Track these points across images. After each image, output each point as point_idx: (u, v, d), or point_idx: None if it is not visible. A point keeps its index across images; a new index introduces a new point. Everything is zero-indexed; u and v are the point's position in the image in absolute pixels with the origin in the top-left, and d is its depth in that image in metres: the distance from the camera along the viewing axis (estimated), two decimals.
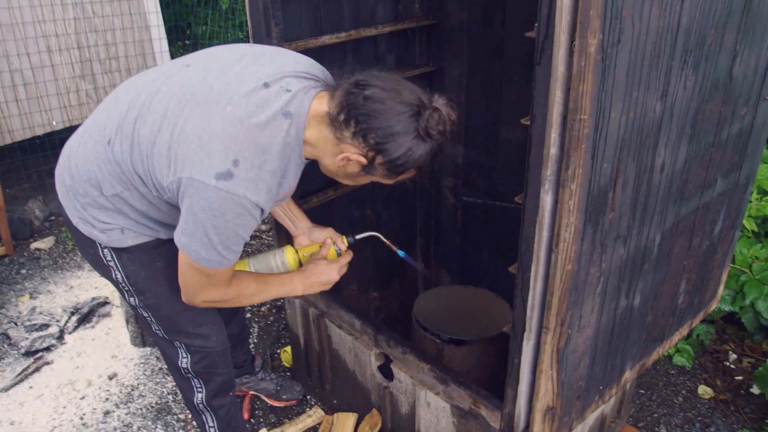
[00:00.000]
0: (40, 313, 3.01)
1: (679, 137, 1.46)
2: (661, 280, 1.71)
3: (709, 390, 2.53)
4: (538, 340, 1.44)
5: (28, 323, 2.91)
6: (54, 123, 3.75)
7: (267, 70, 1.42)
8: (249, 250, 3.57)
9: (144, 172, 1.44)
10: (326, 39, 1.97)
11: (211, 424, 1.93)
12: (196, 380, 1.83)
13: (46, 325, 2.89)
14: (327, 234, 1.86)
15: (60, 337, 2.85)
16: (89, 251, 1.62)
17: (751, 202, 2.68)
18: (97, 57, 3.84)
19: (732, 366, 2.66)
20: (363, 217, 2.44)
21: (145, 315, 1.70)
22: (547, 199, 1.27)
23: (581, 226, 1.29)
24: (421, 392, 1.87)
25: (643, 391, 2.53)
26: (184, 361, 1.77)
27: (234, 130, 1.34)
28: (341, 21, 2.06)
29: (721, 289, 2.12)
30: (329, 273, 1.74)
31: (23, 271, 3.43)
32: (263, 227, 3.79)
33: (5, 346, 2.81)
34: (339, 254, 1.84)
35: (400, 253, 1.95)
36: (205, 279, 1.48)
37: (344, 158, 1.41)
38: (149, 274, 1.62)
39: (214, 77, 1.41)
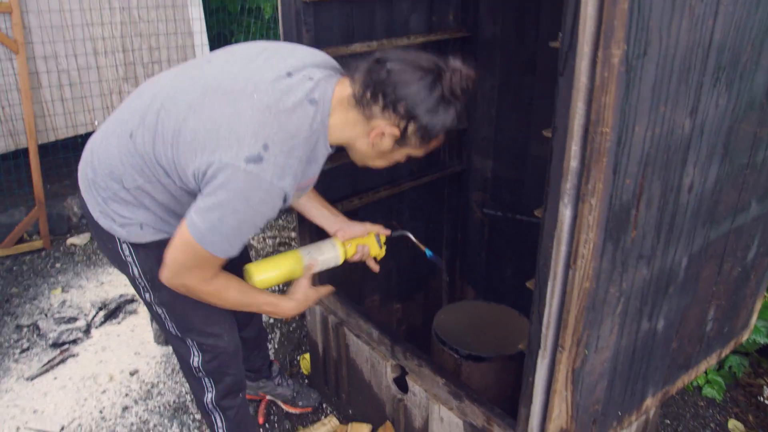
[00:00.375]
0: (70, 307, 3.08)
1: (710, 157, 1.41)
2: (687, 304, 1.65)
3: (740, 425, 2.42)
4: (553, 359, 1.40)
5: (57, 316, 2.98)
6: (96, 123, 3.86)
7: (288, 62, 1.46)
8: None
9: (167, 162, 1.45)
10: (357, 47, 1.98)
11: (219, 424, 1.93)
12: (206, 380, 1.83)
13: (75, 319, 2.95)
14: (366, 227, 1.88)
15: (87, 331, 2.91)
16: (108, 246, 1.64)
17: None
18: (141, 60, 3.95)
19: (766, 402, 2.54)
20: (388, 227, 2.42)
21: (159, 312, 1.72)
22: (566, 213, 1.24)
23: (601, 243, 1.25)
24: (435, 407, 1.84)
25: (669, 422, 2.44)
26: (196, 360, 1.78)
27: (262, 116, 1.36)
28: (373, 30, 2.06)
29: (754, 319, 2.03)
30: (311, 302, 1.77)
31: (58, 265, 3.52)
32: (293, 233, 3.81)
33: (34, 336, 2.89)
34: (380, 246, 1.90)
35: (428, 252, 1.95)
36: (194, 261, 1.44)
37: (378, 134, 1.44)
38: None
39: (237, 69, 1.45)
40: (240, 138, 1.34)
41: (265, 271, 1.71)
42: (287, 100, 1.39)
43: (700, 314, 1.73)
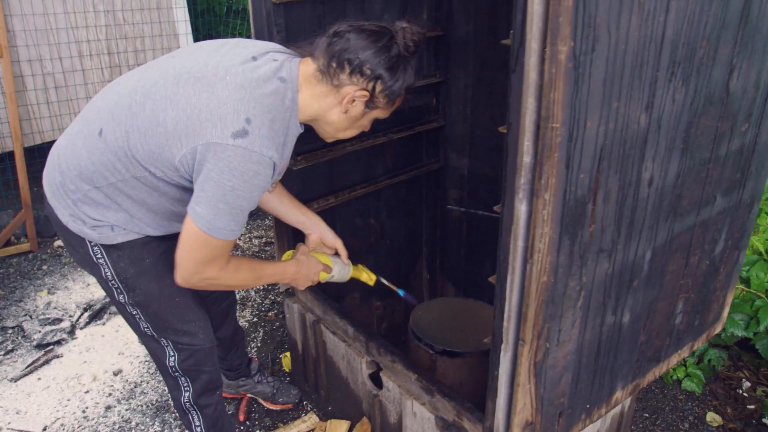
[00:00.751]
0: (55, 308, 3.10)
1: (669, 151, 1.43)
2: (654, 298, 1.66)
3: (718, 418, 2.44)
4: (515, 353, 1.42)
5: (42, 317, 2.99)
6: None
7: (250, 50, 1.54)
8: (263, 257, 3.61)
9: (145, 155, 1.47)
10: None
11: (197, 423, 1.95)
12: (183, 379, 1.85)
13: (59, 320, 2.97)
14: (336, 241, 2.01)
15: (71, 332, 2.92)
16: (78, 250, 1.65)
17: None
18: (126, 63, 3.96)
19: (745, 394, 2.56)
20: (366, 226, 2.45)
21: (134, 313, 1.73)
22: (521, 209, 1.26)
23: (557, 237, 1.27)
24: (408, 402, 1.85)
25: (647, 415, 2.46)
26: (172, 359, 1.80)
27: (239, 94, 1.42)
28: None
29: (726, 312, 2.05)
30: (312, 274, 1.88)
31: (45, 267, 3.53)
32: None
33: (19, 338, 2.90)
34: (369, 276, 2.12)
35: (400, 292, 2.14)
36: (209, 252, 1.49)
37: (349, 99, 1.53)
38: (138, 271, 1.65)
39: (204, 58, 1.51)
40: (222, 117, 1.40)
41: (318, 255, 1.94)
42: (258, 78, 1.46)
43: (668, 307, 1.75)
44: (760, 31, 1.48)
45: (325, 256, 1.98)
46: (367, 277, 2.12)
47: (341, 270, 2.03)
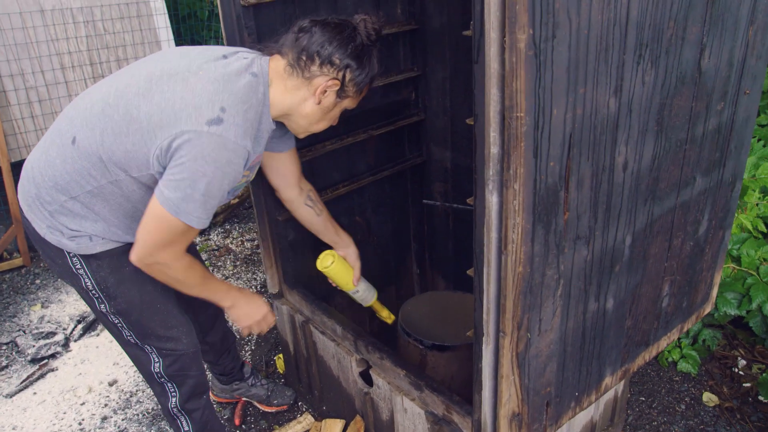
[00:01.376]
0: (48, 322, 3.09)
1: (642, 134, 1.41)
2: (638, 282, 1.66)
3: (714, 397, 2.44)
4: (497, 345, 1.41)
5: (36, 331, 2.99)
6: None
7: (220, 50, 1.59)
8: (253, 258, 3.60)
9: (120, 156, 1.47)
10: None
11: (186, 428, 1.94)
12: (169, 384, 1.85)
13: (53, 333, 2.96)
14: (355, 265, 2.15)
15: (65, 345, 2.92)
16: (57, 262, 1.64)
17: (756, 204, 2.58)
18: (109, 72, 3.94)
19: (741, 372, 2.56)
20: (352, 223, 2.44)
21: (116, 321, 1.73)
22: (492, 200, 1.25)
23: (530, 227, 1.26)
24: (398, 398, 1.85)
25: (643, 399, 2.45)
26: (156, 365, 1.79)
27: (213, 86, 1.46)
28: None
29: (714, 292, 2.04)
30: (257, 313, 1.85)
31: (38, 281, 3.53)
32: None
33: (13, 353, 2.90)
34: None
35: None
36: (168, 236, 1.49)
37: (321, 90, 1.57)
38: (119, 279, 1.64)
39: (175, 59, 1.54)
40: (197, 106, 1.42)
41: (338, 260, 2.08)
42: (231, 73, 1.50)
43: (653, 291, 1.74)
44: (729, 9, 1.47)
45: (351, 271, 2.12)
46: (387, 315, 2.28)
47: (367, 289, 2.20)
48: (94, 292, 1.67)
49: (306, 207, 1.98)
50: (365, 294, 2.21)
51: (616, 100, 1.31)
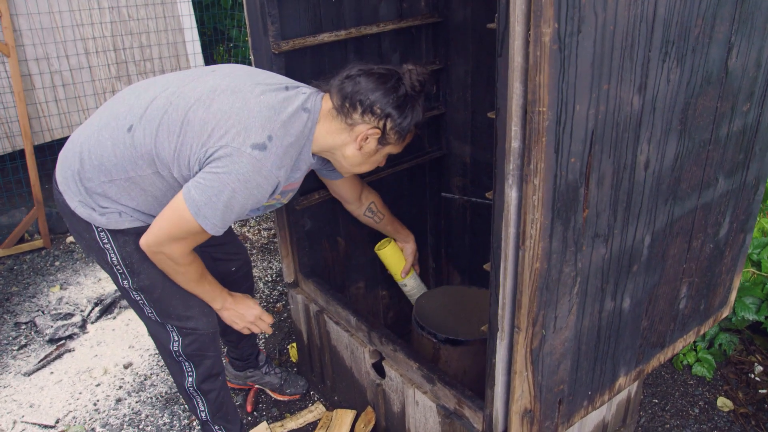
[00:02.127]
0: (67, 303, 3.14)
1: (666, 133, 1.40)
2: (655, 283, 1.64)
3: (729, 402, 2.41)
4: (511, 340, 1.41)
5: (54, 312, 3.04)
6: None
7: (283, 80, 1.68)
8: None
9: (168, 153, 1.55)
10: (325, 37, 1.99)
11: (202, 408, 1.97)
12: (186, 363, 1.88)
13: (71, 315, 3.01)
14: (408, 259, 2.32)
15: (83, 326, 2.96)
16: (84, 236, 1.69)
17: None
18: (132, 59, 3.98)
19: (757, 378, 2.53)
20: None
21: (138, 298, 1.76)
22: (511, 195, 1.24)
23: (549, 223, 1.25)
24: (410, 391, 1.85)
25: (656, 401, 2.43)
26: (176, 344, 1.82)
27: (268, 113, 1.54)
28: (341, 19, 2.06)
29: (733, 296, 2.01)
30: (248, 313, 1.92)
31: (57, 263, 3.58)
32: None
33: (32, 333, 2.95)
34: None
35: None
36: (182, 232, 1.55)
37: (363, 137, 1.65)
38: (143, 256, 1.67)
39: (243, 77, 1.62)
40: (248, 127, 1.50)
41: (393, 249, 2.26)
42: (288, 107, 1.58)
43: (671, 292, 1.72)
44: (759, 8, 1.44)
45: (402, 262, 2.29)
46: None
47: (417, 287, 2.34)
48: (118, 267, 1.70)
49: (366, 217, 2.17)
50: (413, 291, 2.33)
51: (640, 98, 1.29)
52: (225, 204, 1.51)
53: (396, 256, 2.28)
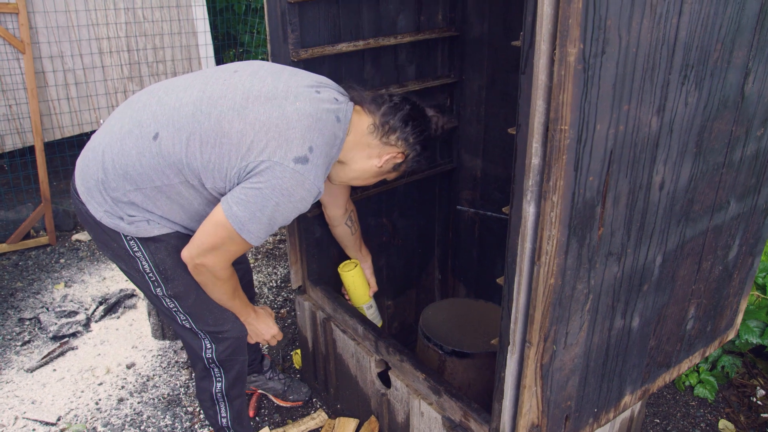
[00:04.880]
0: (71, 301, 3.14)
1: (681, 155, 1.41)
2: (664, 303, 1.65)
3: (730, 425, 2.41)
4: (522, 355, 1.41)
5: (58, 309, 3.04)
6: (101, 121, 3.93)
7: (312, 78, 1.68)
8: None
9: (201, 164, 1.53)
10: (343, 47, 2.01)
11: (224, 414, 1.98)
12: (216, 369, 1.89)
13: (75, 312, 3.01)
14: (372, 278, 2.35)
15: (86, 325, 2.97)
16: (112, 245, 1.67)
17: None
18: (146, 60, 4.01)
19: (759, 402, 2.53)
20: (378, 225, 2.45)
21: (171, 306, 1.75)
22: (529, 210, 1.25)
23: (565, 240, 1.26)
24: (415, 401, 1.86)
25: (658, 421, 2.43)
26: (209, 351, 1.84)
27: (308, 122, 1.54)
28: (360, 30, 2.08)
29: (739, 319, 2.03)
30: (266, 332, 1.97)
31: (62, 261, 3.59)
32: None
33: (36, 329, 2.95)
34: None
35: None
36: (224, 245, 1.56)
37: (390, 158, 1.73)
38: (176, 261, 1.67)
39: (270, 80, 1.60)
40: (289, 140, 1.50)
41: (356, 274, 2.23)
42: (323, 112, 1.58)
43: (679, 313, 1.73)
44: None
45: (366, 287, 2.29)
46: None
47: (377, 310, 2.38)
48: (151, 274, 1.69)
49: (345, 226, 2.15)
50: (375, 312, 2.35)
51: (658, 119, 1.31)
52: (269, 218, 1.52)
53: (361, 278, 2.27)
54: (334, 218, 2.12)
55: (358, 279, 2.24)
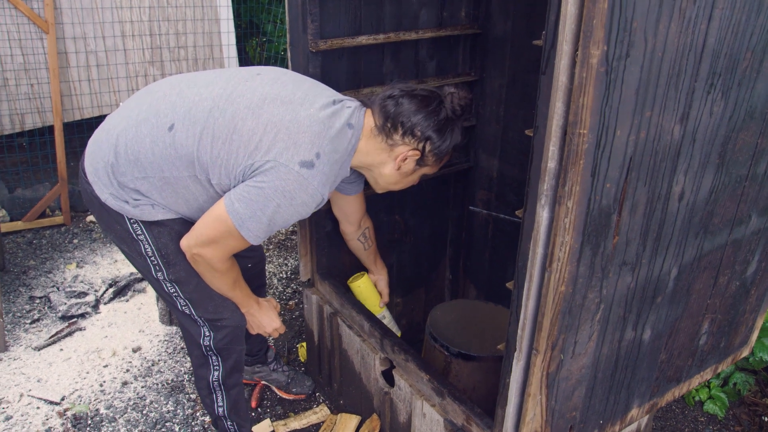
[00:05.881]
0: (81, 282, 3.16)
1: (703, 166, 1.37)
2: (678, 316, 1.61)
3: None
4: (528, 362, 1.38)
5: (68, 289, 3.05)
6: (120, 104, 3.94)
7: (329, 93, 1.67)
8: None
9: (210, 158, 1.53)
10: (363, 39, 1.98)
11: (220, 403, 1.97)
12: (214, 357, 1.88)
13: (85, 293, 3.03)
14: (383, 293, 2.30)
15: (95, 306, 2.98)
16: (115, 227, 1.66)
17: None
18: (167, 45, 4.01)
19: None
20: (391, 222, 2.43)
21: (172, 291, 1.75)
22: (543, 215, 1.22)
23: (578, 247, 1.23)
24: (418, 402, 1.84)
25: None
26: (207, 338, 1.83)
27: (318, 128, 1.54)
28: (381, 23, 2.06)
29: (755, 336, 1.97)
30: (268, 325, 1.95)
31: (75, 241, 3.61)
32: None
33: (45, 308, 2.97)
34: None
35: None
36: (223, 239, 1.57)
37: (402, 158, 1.66)
38: (179, 247, 1.66)
39: (291, 86, 1.60)
40: (297, 143, 1.50)
41: (367, 285, 2.22)
42: (335, 122, 1.58)
43: (692, 327, 1.69)
44: None
45: (377, 296, 2.26)
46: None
47: (390, 317, 2.34)
48: (153, 258, 1.69)
49: (357, 242, 2.14)
50: (392, 323, 2.34)
51: (681, 128, 1.27)
52: (269, 218, 1.52)
53: (371, 288, 2.25)
54: (346, 233, 2.13)
55: (365, 290, 2.22)
